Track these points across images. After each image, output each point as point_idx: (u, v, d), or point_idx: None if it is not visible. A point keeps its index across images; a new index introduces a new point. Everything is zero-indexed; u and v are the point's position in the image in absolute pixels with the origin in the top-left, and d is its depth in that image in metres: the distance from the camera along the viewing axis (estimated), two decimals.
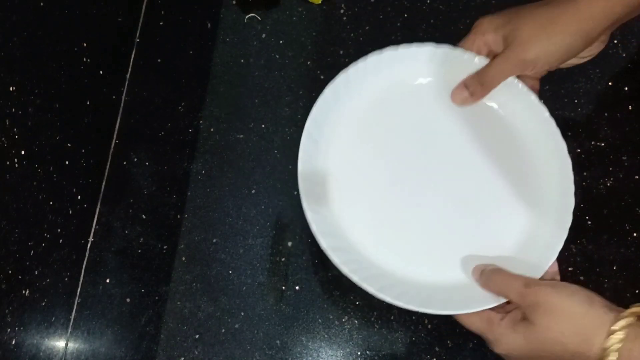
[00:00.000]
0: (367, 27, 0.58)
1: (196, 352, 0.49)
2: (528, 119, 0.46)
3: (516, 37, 0.41)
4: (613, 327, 0.33)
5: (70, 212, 0.51)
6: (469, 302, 0.40)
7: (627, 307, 0.35)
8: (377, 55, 0.46)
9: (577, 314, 0.35)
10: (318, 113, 0.45)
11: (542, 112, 0.45)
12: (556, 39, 0.40)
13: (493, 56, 0.45)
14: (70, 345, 0.50)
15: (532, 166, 0.46)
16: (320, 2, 0.58)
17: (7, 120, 0.44)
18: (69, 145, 0.51)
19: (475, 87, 0.45)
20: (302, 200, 0.42)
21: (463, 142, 0.47)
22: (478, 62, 0.45)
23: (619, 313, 0.34)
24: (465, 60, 0.46)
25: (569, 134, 0.54)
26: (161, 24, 0.59)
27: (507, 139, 0.47)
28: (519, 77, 0.45)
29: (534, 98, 0.46)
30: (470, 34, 0.45)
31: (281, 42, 0.58)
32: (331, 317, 0.50)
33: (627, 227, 0.51)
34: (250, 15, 0.59)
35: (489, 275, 0.40)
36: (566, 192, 0.43)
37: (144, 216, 0.53)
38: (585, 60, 0.45)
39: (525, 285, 0.37)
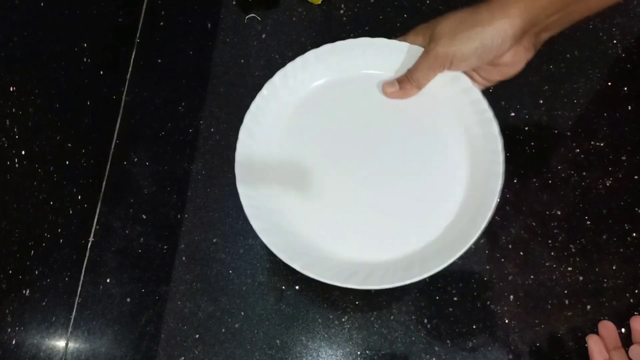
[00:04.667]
0: (366, 27, 0.58)
1: (196, 352, 0.49)
2: (449, 91, 0.48)
3: (433, 35, 0.44)
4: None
5: (71, 212, 0.51)
6: (424, 267, 0.42)
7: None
8: (314, 51, 0.48)
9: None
10: (255, 108, 0.47)
11: (463, 83, 0.47)
12: (466, 34, 0.42)
13: None
14: (71, 344, 0.50)
15: (460, 140, 0.47)
16: (320, 2, 0.58)
17: (7, 120, 0.44)
18: (69, 145, 0.51)
19: (407, 83, 0.47)
20: (238, 186, 0.44)
21: (394, 126, 0.48)
22: (408, 49, 0.47)
23: None
24: (398, 49, 0.47)
25: (568, 133, 0.54)
26: (161, 24, 0.59)
27: (431, 112, 0.48)
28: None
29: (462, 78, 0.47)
30: (406, 37, 0.47)
31: (281, 42, 0.58)
32: (331, 317, 0.50)
33: (627, 227, 0.51)
34: (250, 15, 0.59)
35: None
36: (494, 158, 0.44)
37: (144, 216, 0.53)
38: (514, 71, 0.45)
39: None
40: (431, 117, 0.48)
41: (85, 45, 0.53)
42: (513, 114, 0.54)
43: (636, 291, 0.50)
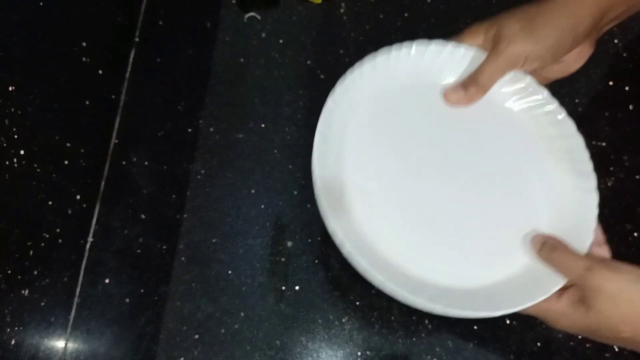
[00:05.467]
0: (367, 27, 0.58)
1: (196, 353, 0.49)
2: (542, 120, 0.46)
3: (502, 34, 0.42)
4: None
5: (70, 212, 0.51)
6: (506, 302, 0.39)
7: None
8: (380, 55, 0.45)
9: (638, 301, 0.35)
10: (324, 125, 0.43)
11: (557, 114, 0.45)
12: (541, 32, 0.41)
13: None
14: (70, 345, 0.50)
15: (551, 173, 0.45)
16: (320, 1, 0.58)
17: (6, 120, 0.43)
18: (68, 145, 0.51)
19: (472, 87, 0.45)
20: (323, 209, 0.40)
21: (480, 144, 0.46)
22: (475, 55, 0.45)
23: None
24: (465, 56, 0.45)
25: None
26: (161, 23, 0.59)
27: (525, 143, 0.46)
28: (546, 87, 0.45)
29: (552, 104, 0.45)
30: (461, 38, 0.45)
31: (281, 41, 0.58)
32: (331, 317, 0.50)
33: (628, 227, 0.51)
34: (250, 14, 0.59)
35: (550, 250, 0.40)
36: (587, 203, 0.42)
37: (143, 216, 0.53)
38: (575, 68, 0.44)
39: (587, 269, 0.36)
40: (527, 145, 0.46)
41: (84, 44, 0.53)
42: None
43: None
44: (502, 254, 0.42)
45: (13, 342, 0.46)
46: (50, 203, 0.49)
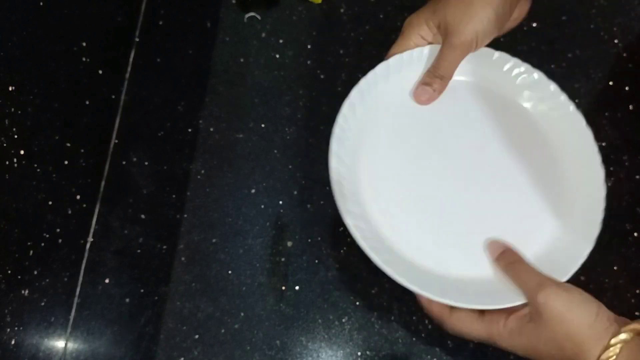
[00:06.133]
0: (367, 27, 0.58)
1: (196, 353, 0.49)
2: (561, 125, 0.47)
3: (448, 24, 0.43)
4: (611, 342, 0.35)
5: (70, 212, 0.51)
6: (491, 298, 0.40)
7: (632, 318, 0.36)
8: (390, 62, 0.47)
9: (584, 324, 0.36)
10: (340, 130, 0.44)
11: (578, 121, 0.46)
12: (483, 12, 0.42)
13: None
14: (70, 345, 0.50)
15: (562, 173, 0.46)
16: (320, 1, 0.58)
17: (6, 120, 0.44)
18: (68, 145, 0.51)
19: (435, 82, 0.46)
20: (340, 206, 0.42)
21: (490, 140, 0.47)
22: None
23: (620, 327, 0.35)
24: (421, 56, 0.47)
25: None
26: (160, 23, 0.59)
27: (537, 141, 0.47)
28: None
29: (571, 107, 0.46)
30: (404, 33, 0.47)
31: (281, 41, 0.58)
32: (331, 317, 0.50)
33: (628, 227, 0.51)
34: (250, 14, 0.59)
35: (509, 260, 0.41)
36: (595, 204, 0.43)
37: (143, 216, 0.53)
38: (520, 20, 0.47)
39: (538, 285, 0.38)
40: (537, 144, 0.47)
41: (84, 44, 0.53)
42: None
43: (637, 291, 0.50)
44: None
45: (13, 342, 0.46)
46: (50, 203, 0.49)
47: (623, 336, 0.35)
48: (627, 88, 0.55)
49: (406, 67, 0.47)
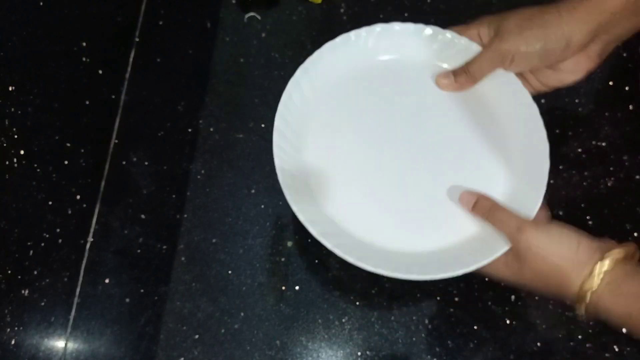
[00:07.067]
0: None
1: (196, 353, 0.49)
2: (508, 101, 0.47)
3: (499, 29, 0.43)
4: (593, 271, 0.36)
5: (70, 212, 0.51)
6: (458, 264, 0.41)
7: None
8: (332, 41, 0.48)
9: (566, 256, 0.37)
10: (283, 108, 0.46)
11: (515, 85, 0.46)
12: (532, 33, 0.41)
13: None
14: (70, 345, 0.50)
15: (505, 130, 0.46)
16: (320, 1, 0.58)
17: (6, 120, 0.44)
18: (68, 145, 0.51)
19: (461, 75, 0.46)
20: (285, 193, 0.42)
21: (435, 114, 0.47)
22: (441, 37, 0.47)
23: (603, 254, 0.37)
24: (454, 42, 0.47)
25: (570, 133, 0.54)
26: (161, 23, 0.59)
27: (483, 116, 0.47)
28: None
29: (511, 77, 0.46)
30: (467, 24, 0.47)
31: (281, 41, 0.58)
32: (331, 317, 0.50)
33: (628, 227, 0.51)
34: (250, 14, 0.59)
35: (485, 209, 0.42)
36: (539, 146, 0.43)
37: (143, 216, 0.53)
38: (573, 79, 0.44)
39: (518, 229, 0.39)
40: (480, 113, 0.47)
41: (84, 44, 0.53)
42: None
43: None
44: (458, 218, 0.44)
45: (13, 342, 0.46)
46: (50, 203, 0.49)
47: (605, 266, 0.36)
48: (627, 88, 0.55)
49: (352, 47, 0.48)
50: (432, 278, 0.41)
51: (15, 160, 0.45)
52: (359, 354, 0.49)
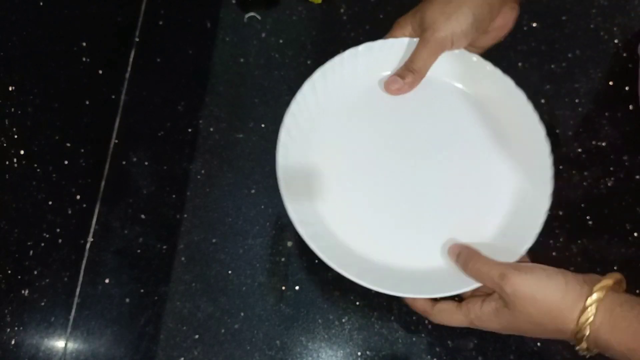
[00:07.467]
0: (367, 27, 0.58)
1: (196, 353, 0.49)
2: (505, 104, 0.47)
3: (425, 22, 0.44)
4: (586, 303, 0.36)
5: (70, 212, 0.51)
6: (448, 286, 0.41)
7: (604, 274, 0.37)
8: (354, 48, 0.47)
9: (555, 299, 0.37)
10: (296, 109, 0.46)
11: (520, 97, 0.46)
12: (459, 12, 0.43)
13: None
14: (70, 345, 0.50)
15: (510, 152, 0.46)
16: (320, 1, 0.58)
17: (6, 120, 0.44)
18: (68, 145, 0.51)
19: (407, 75, 0.47)
20: (281, 191, 0.43)
21: (438, 129, 0.47)
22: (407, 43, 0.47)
23: (592, 286, 0.36)
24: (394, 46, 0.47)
25: (570, 133, 0.54)
26: (161, 23, 0.59)
27: (484, 123, 0.48)
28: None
29: (509, 82, 0.46)
30: (390, 33, 0.48)
31: (281, 41, 0.58)
32: (331, 317, 0.50)
33: (628, 227, 0.51)
34: (250, 14, 0.59)
35: (466, 260, 0.41)
36: (543, 182, 0.43)
37: (143, 216, 0.53)
38: (505, 32, 0.46)
39: (501, 277, 0.38)
40: (474, 125, 0.47)
41: (84, 44, 0.53)
42: None
43: (638, 291, 0.49)
44: (459, 238, 0.44)
45: (13, 342, 0.46)
46: (50, 203, 0.49)
47: (595, 296, 0.35)
48: (627, 88, 0.55)
49: (370, 57, 0.47)
50: (428, 296, 0.41)
51: (15, 160, 0.45)
52: (359, 354, 0.49)
